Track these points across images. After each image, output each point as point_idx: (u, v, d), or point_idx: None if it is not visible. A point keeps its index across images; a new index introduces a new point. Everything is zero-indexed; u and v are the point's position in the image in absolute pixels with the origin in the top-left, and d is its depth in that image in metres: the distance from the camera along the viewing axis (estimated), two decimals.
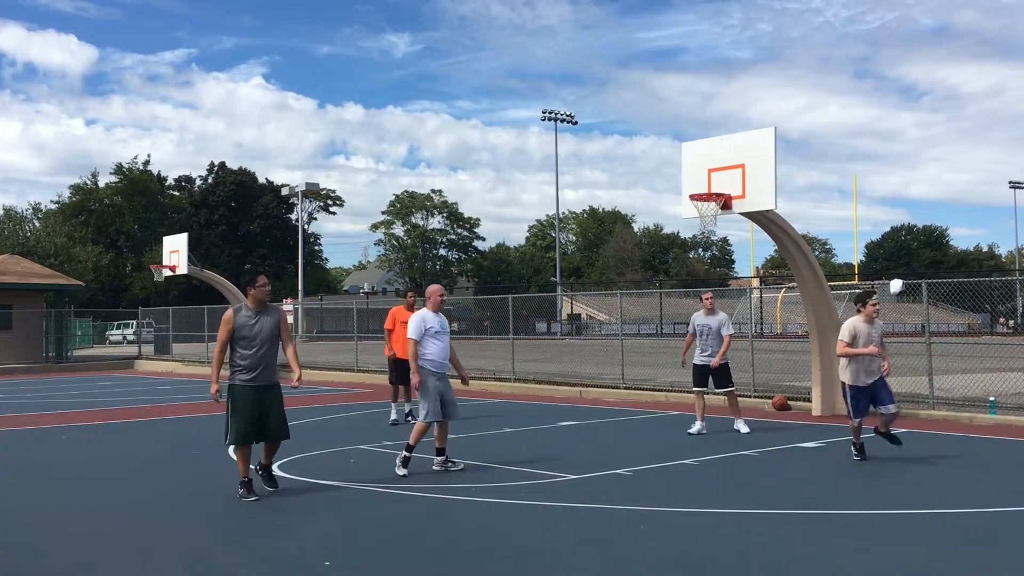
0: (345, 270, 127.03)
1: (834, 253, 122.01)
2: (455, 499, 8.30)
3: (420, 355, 9.50)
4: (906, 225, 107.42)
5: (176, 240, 26.87)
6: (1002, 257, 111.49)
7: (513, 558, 6.32)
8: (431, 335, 9.54)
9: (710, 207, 13.46)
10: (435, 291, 9.87)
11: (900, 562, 6.10)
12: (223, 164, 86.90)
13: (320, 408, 17.26)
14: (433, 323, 9.61)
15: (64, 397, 20.79)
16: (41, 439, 13.23)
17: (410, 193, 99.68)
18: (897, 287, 15.13)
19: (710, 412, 15.68)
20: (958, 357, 19.07)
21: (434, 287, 9.96)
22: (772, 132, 13.05)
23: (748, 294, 29.27)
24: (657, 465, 10.06)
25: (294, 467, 10.18)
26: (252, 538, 7.04)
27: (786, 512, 7.63)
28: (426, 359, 9.52)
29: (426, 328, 9.54)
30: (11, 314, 34.13)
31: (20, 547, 6.85)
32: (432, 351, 9.54)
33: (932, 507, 7.76)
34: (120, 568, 6.26)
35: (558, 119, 67.60)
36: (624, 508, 7.81)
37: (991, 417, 13.54)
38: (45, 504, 8.51)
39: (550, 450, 11.09)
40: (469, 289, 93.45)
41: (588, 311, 68.33)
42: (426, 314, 9.66)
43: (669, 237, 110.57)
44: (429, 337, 9.53)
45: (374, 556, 6.41)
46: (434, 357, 9.54)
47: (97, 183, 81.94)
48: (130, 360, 35.43)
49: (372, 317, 38.60)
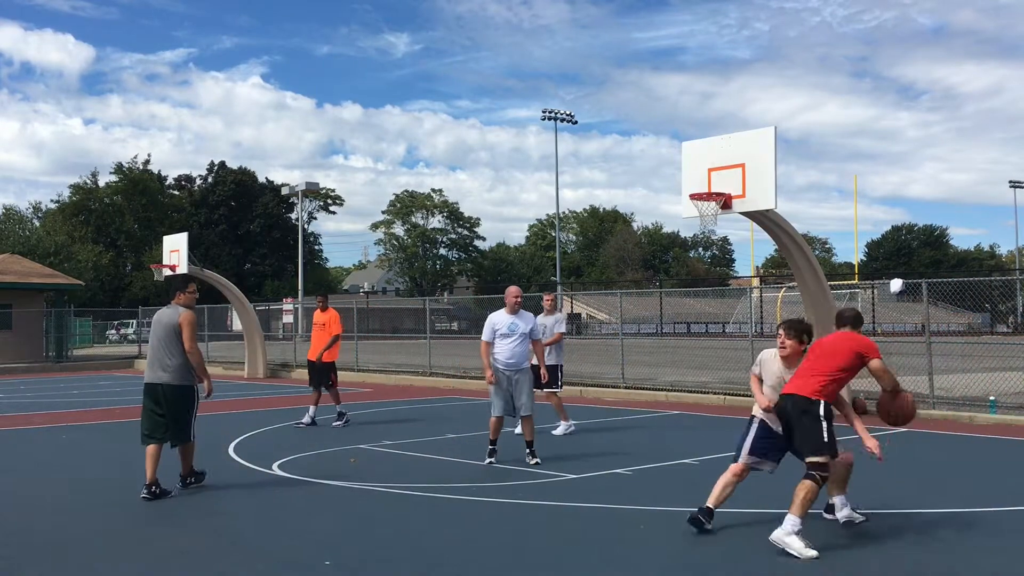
0: (345, 269, 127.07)
1: (834, 253, 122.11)
2: (455, 499, 8.30)
3: (491, 355, 10.06)
4: (906, 225, 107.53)
5: (176, 239, 26.81)
6: (1002, 257, 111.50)
7: (513, 558, 6.32)
8: (499, 336, 10.07)
9: (710, 207, 13.45)
10: (507, 293, 10.34)
11: (899, 561, 6.10)
12: (223, 164, 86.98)
13: (320, 407, 17.23)
14: (501, 325, 10.09)
15: (64, 397, 20.79)
16: (41, 439, 13.23)
17: (410, 192, 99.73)
18: (897, 287, 15.14)
19: (706, 411, 15.68)
20: (958, 356, 19.06)
21: (509, 288, 10.42)
22: (772, 131, 13.04)
23: (748, 294, 29.25)
24: (657, 465, 10.06)
25: (294, 467, 10.17)
26: (252, 538, 7.04)
27: (786, 512, 7.61)
28: (494, 358, 10.07)
29: (495, 330, 10.09)
30: (11, 314, 34.10)
31: (19, 547, 6.84)
32: (498, 351, 10.04)
33: (932, 507, 7.76)
34: (120, 568, 6.26)
35: (558, 119, 67.58)
36: (624, 508, 7.81)
37: (991, 416, 13.54)
38: (44, 504, 8.50)
39: (550, 450, 11.08)
40: (469, 288, 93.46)
41: (588, 310, 68.32)
42: (495, 316, 10.19)
43: (669, 236, 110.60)
44: (498, 338, 10.06)
45: (374, 556, 6.41)
46: (499, 356, 10.03)
47: (97, 182, 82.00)
48: (130, 360, 35.42)
49: (372, 317, 38.60)
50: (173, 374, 8.56)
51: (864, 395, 14.81)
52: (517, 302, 10.18)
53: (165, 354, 8.57)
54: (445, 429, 13.45)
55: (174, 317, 8.59)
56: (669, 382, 18.48)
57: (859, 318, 7.18)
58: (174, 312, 8.64)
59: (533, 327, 10.27)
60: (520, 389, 10.02)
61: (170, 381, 8.56)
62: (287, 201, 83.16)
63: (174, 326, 8.56)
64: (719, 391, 17.21)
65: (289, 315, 52.64)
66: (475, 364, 23.46)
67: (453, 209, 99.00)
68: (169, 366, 8.56)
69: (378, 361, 26.99)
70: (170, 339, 8.57)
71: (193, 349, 8.57)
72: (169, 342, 8.57)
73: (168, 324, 8.60)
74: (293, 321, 49.82)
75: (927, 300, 15.54)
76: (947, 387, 15.35)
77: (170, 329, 8.58)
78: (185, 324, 8.56)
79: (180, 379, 8.59)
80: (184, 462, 8.85)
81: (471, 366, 23.25)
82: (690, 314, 62.98)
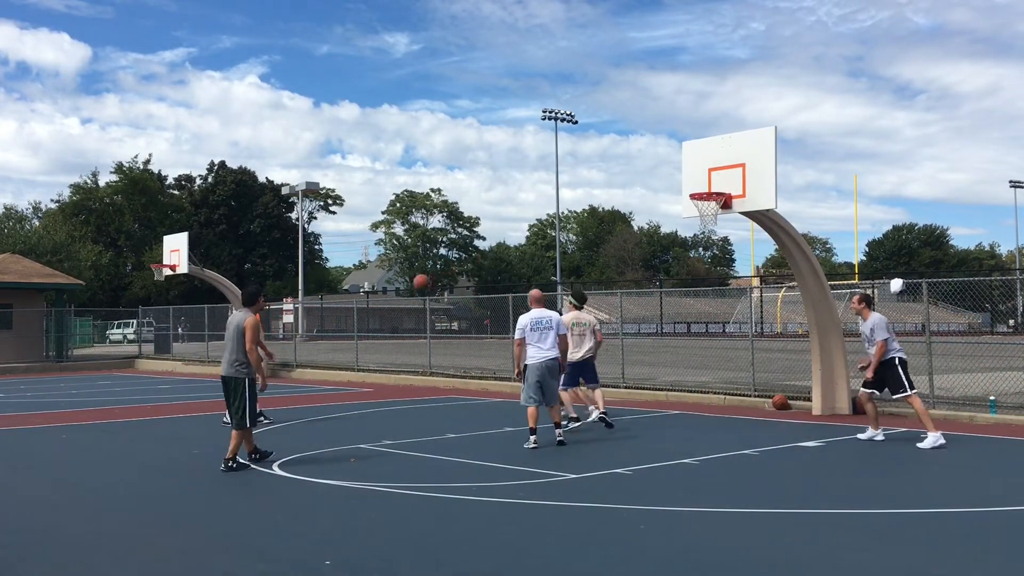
0: (345, 269, 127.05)
1: (834, 252, 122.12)
2: (455, 498, 8.30)
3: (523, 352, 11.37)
4: (907, 224, 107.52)
5: (176, 239, 26.81)
6: (1002, 257, 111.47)
7: (513, 558, 6.32)
8: (527, 333, 11.38)
9: (710, 206, 13.45)
10: (530, 296, 11.93)
11: (901, 561, 6.10)
12: (223, 163, 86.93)
13: (320, 407, 17.25)
14: (524, 323, 11.43)
15: (64, 396, 20.79)
16: (41, 438, 13.23)
17: (410, 192, 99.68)
18: (897, 286, 15.11)
19: (707, 411, 15.68)
20: (958, 356, 19.05)
21: (531, 292, 12.06)
22: (772, 131, 13.04)
23: (748, 293, 29.28)
24: (657, 465, 10.05)
25: (294, 467, 10.18)
26: (252, 538, 7.04)
27: (786, 511, 7.63)
28: (526, 355, 11.36)
29: (520, 328, 11.47)
30: (11, 313, 34.11)
31: (19, 547, 6.85)
32: (529, 348, 11.35)
33: (933, 506, 7.76)
34: (120, 568, 6.26)
35: (558, 118, 67.55)
36: (624, 508, 7.81)
37: (991, 416, 13.54)
38: (44, 503, 8.51)
39: (550, 450, 11.09)
40: (470, 288, 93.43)
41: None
42: (521, 317, 11.54)
43: (669, 236, 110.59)
44: (528, 333, 11.36)
45: (374, 556, 6.41)
46: (532, 352, 11.33)
47: (97, 182, 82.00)
48: (130, 359, 35.43)
49: (373, 316, 38.61)
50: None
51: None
52: (536, 300, 11.76)
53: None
54: (445, 429, 13.45)
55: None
56: (669, 382, 18.47)
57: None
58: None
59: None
60: (547, 380, 11.39)
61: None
62: (287, 201, 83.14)
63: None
64: (719, 391, 17.21)
65: (289, 315, 52.66)
66: (475, 364, 23.48)
67: (453, 209, 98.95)
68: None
69: (378, 361, 26.98)
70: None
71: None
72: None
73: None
74: (293, 321, 49.86)
75: (927, 300, 15.54)
76: (947, 387, 15.35)
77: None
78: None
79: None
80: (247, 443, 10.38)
81: (471, 366, 23.25)
82: (690, 314, 63.01)
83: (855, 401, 14.15)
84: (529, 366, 11.30)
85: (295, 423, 14.60)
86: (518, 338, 11.42)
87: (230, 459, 9.99)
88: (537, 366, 11.26)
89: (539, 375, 11.27)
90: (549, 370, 11.33)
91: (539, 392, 11.28)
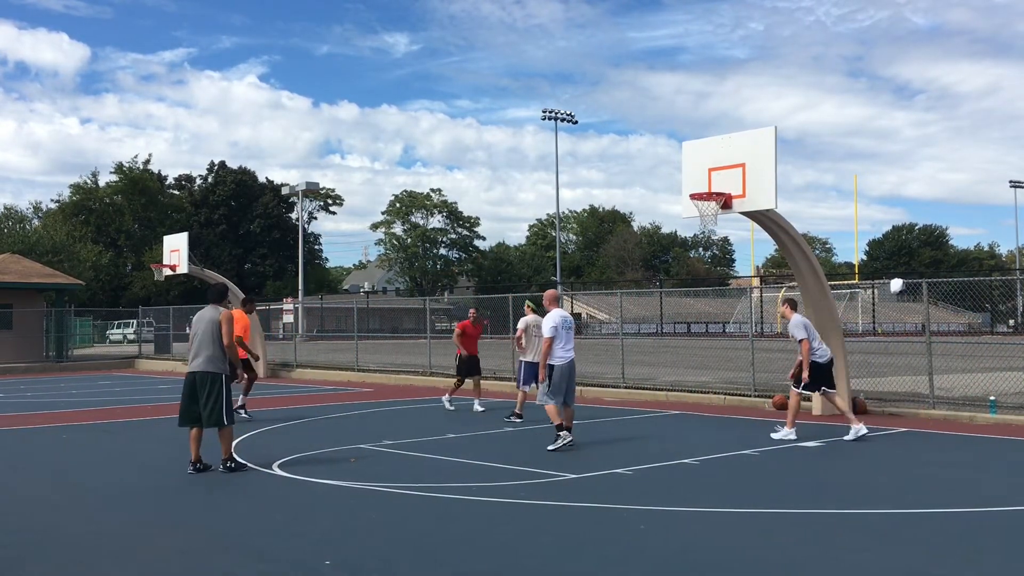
0: (344, 269, 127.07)
1: (834, 252, 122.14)
2: (455, 499, 8.30)
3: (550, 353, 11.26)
4: (907, 224, 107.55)
5: (176, 239, 26.82)
6: (1002, 257, 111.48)
7: (513, 558, 6.32)
8: (558, 332, 11.31)
9: (710, 206, 13.45)
10: (547, 296, 11.95)
11: (900, 561, 6.10)
12: (223, 163, 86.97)
13: (320, 407, 17.25)
14: (555, 322, 11.29)
15: (64, 396, 20.79)
16: (41, 438, 13.23)
17: (409, 192, 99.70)
18: (897, 286, 15.14)
19: (707, 411, 15.69)
20: (958, 356, 19.06)
21: (547, 292, 12.06)
22: (772, 131, 13.04)
23: (748, 293, 29.27)
24: (657, 465, 10.05)
25: (294, 467, 10.17)
26: (252, 538, 7.04)
27: (786, 512, 7.63)
28: (554, 355, 11.27)
29: (552, 327, 11.31)
30: (11, 313, 34.10)
31: (19, 547, 6.85)
32: (556, 348, 11.28)
33: (933, 506, 7.76)
34: (120, 568, 6.26)
35: (558, 118, 67.55)
36: (624, 508, 7.81)
37: (991, 416, 13.54)
38: (44, 503, 8.51)
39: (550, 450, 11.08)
40: (469, 288, 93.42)
41: (588, 310, 68.31)
42: (551, 315, 11.45)
43: (669, 236, 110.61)
44: (560, 332, 11.30)
45: (374, 556, 6.41)
46: (559, 353, 11.26)
47: (97, 182, 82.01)
48: (130, 359, 35.43)
49: (373, 316, 38.59)
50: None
51: (863, 395, 14.86)
52: (549, 300, 11.82)
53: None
54: (445, 429, 13.45)
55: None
56: (669, 382, 18.48)
57: None
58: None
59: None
60: (566, 381, 11.36)
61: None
62: (287, 201, 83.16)
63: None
64: (719, 391, 17.21)
65: (289, 315, 52.67)
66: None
67: (452, 209, 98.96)
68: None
69: (378, 361, 26.98)
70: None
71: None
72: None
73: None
74: (293, 321, 49.86)
75: (927, 300, 15.54)
76: (947, 387, 15.35)
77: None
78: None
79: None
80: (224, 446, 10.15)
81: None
82: (690, 314, 63.05)
83: (855, 402, 14.16)
84: (556, 366, 11.23)
85: (295, 423, 14.60)
86: (550, 335, 11.24)
87: (227, 459, 9.98)
88: (564, 367, 11.25)
89: (567, 375, 11.26)
90: (572, 371, 11.40)
91: (562, 392, 11.25)
